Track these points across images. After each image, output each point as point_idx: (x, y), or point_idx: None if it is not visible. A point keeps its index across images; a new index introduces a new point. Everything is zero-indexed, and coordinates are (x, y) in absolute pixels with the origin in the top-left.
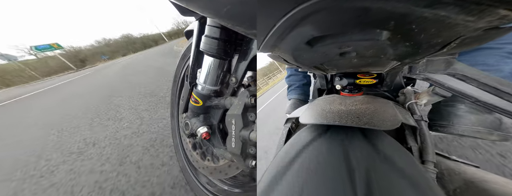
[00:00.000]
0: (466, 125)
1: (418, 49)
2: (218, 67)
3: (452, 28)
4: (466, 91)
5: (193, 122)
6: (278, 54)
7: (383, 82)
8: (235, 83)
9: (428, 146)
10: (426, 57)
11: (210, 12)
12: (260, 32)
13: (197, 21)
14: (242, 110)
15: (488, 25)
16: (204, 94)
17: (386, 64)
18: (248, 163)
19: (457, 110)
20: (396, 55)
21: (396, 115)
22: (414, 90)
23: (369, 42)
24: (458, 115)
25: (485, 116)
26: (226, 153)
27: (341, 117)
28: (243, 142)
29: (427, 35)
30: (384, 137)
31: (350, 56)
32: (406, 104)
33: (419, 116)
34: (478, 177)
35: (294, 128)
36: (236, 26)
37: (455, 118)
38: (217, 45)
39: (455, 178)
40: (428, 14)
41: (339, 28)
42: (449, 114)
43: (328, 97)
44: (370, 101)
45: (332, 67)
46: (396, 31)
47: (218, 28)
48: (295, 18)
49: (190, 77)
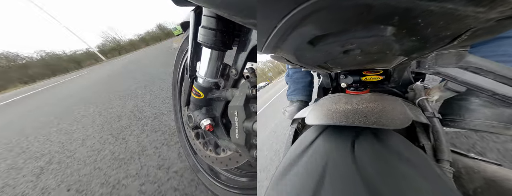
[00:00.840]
0: (479, 120)
1: (425, 43)
2: (217, 59)
3: (461, 20)
4: (482, 84)
5: (196, 114)
6: (280, 55)
7: (390, 78)
8: (235, 75)
9: (443, 144)
10: (435, 51)
11: (206, 1)
12: (261, 34)
13: (193, 11)
14: (244, 101)
15: (500, 15)
16: (205, 86)
17: (392, 60)
18: (252, 153)
19: (470, 103)
20: (403, 50)
21: (406, 112)
22: (424, 86)
23: (373, 38)
24: (471, 109)
25: (501, 110)
26: (230, 144)
27: (348, 117)
28: (247, 133)
29: (434, 29)
30: (395, 136)
31: (354, 54)
32: (416, 101)
33: (431, 113)
34: (500, 176)
35: (301, 129)
36: (233, 15)
37: (467, 112)
38: (215, 36)
39: (475, 177)
40: (434, 7)
41: (341, 26)
42: (460, 108)
43: (334, 96)
44: (378, 98)
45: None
46: (401, 26)
47: (215, 18)
48: (295, 18)
49: (190, 70)
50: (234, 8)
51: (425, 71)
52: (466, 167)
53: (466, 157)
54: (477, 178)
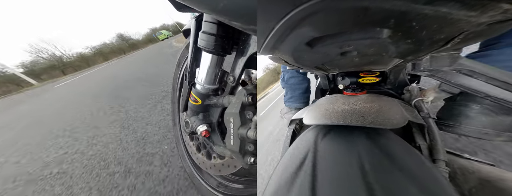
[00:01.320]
0: (476, 127)
1: (420, 46)
2: (216, 65)
3: (454, 24)
4: (474, 87)
5: (193, 120)
6: (278, 56)
7: (387, 80)
8: (233, 82)
9: (438, 144)
10: (429, 53)
11: (207, 7)
12: (259, 34)
13: (194, 19)
14: (240, 108)
15: (491, 19)
16: (203, 93)
17: (388, 62)
18: (247, 160)
19: (470, 110)
20: (398, 53)
21: (402, 113)
22: (419, 87)
23: (369, 40)
24: (469, 116)
25: (500, 118)
26: (225, 151)
27: (345, 117)
28: (241, 139)
29: (429, 32)
30: (391, 136)
31: (352, 55)
32: (412, 102)
33: (426, 114)
34: (494, 176)
35: (298, 130)
36: (233, 21)
37: (465, 119)
38: (215, 40)
39: (470, 177)
40: (428, 11)
41: (338, 28)
42: (460, 114)
43: (331, 97)
44: (375, 99)
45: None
46: (397, 29)
47: (215, 24)
48: (293, 20)
49: (189, 76)
50: (234, 14)
51: (420, 73)
52: (461, 168)
53: (460, 158)
54: (472, 178)
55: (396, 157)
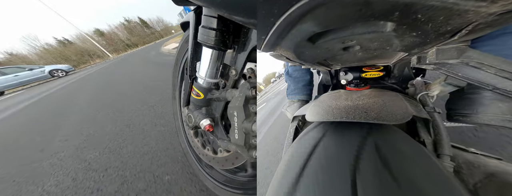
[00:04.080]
0: (495, 114)
1: (426, 39)
2: (217, 59)
3: (462, 15)
4: (483, 79)
5: (196, 115)
6: (280, 53)
7: (391, 74)
8: (235, 75)
9: (443, 139)
10: (435, 46)
11: (206, 1)
12: (259, 31)
13: (193, 11)
14: (243, 102)
15: (502, 9)
16: (205, 87)
17: (392, 56)
18: (252, 154)
19: (482, 98)
20: (403, 46)
21: (407, 107)
22: (424, 81)
23: (373, 34)
24: (485, 104)
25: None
26: (230, 145)
27: (349, 113)
28: (246, 133)
29: (435, 24)
30: (395, 131)
31: (354, 50)
32: (416, 96)
33: (431, 108)
34: (501, 170)
35: (301, 126)
36: (233, 15)
37: (481, 107)
38: (215, 35)
39: (475, 171)
40: (435, 2)
41: (340, 22)
42: (474, 103)
43: (334, 93)
44: (378, 94)
45: (336, 62)
46: (401, 22)
47: (215, 18)
48: (294, 15)
49: (190, 70)
50: (234, 8)
51: (425, 66)
52: (466, 162)
53: (466, 152)
54: (477, 172)
55: (400, 152)
